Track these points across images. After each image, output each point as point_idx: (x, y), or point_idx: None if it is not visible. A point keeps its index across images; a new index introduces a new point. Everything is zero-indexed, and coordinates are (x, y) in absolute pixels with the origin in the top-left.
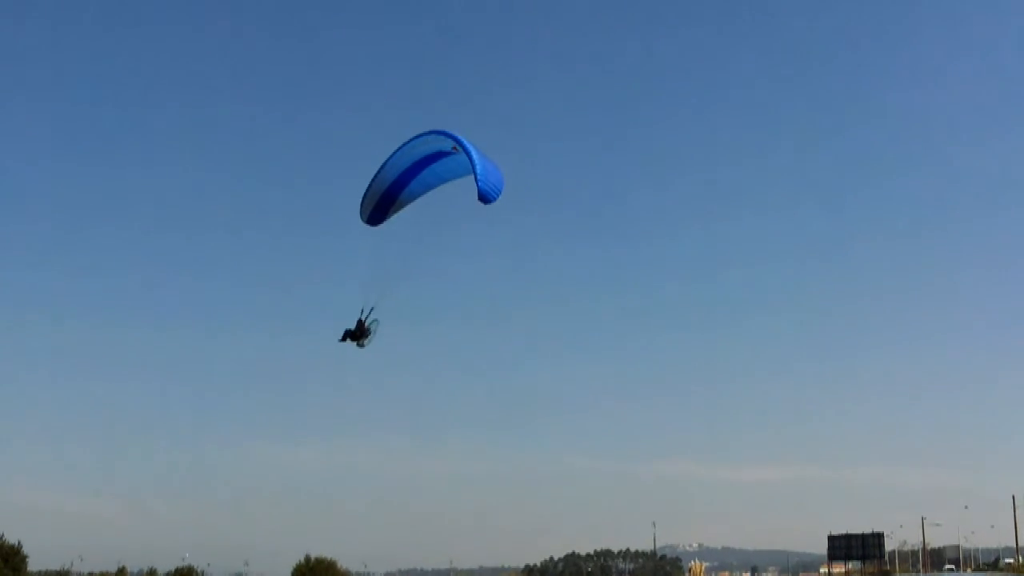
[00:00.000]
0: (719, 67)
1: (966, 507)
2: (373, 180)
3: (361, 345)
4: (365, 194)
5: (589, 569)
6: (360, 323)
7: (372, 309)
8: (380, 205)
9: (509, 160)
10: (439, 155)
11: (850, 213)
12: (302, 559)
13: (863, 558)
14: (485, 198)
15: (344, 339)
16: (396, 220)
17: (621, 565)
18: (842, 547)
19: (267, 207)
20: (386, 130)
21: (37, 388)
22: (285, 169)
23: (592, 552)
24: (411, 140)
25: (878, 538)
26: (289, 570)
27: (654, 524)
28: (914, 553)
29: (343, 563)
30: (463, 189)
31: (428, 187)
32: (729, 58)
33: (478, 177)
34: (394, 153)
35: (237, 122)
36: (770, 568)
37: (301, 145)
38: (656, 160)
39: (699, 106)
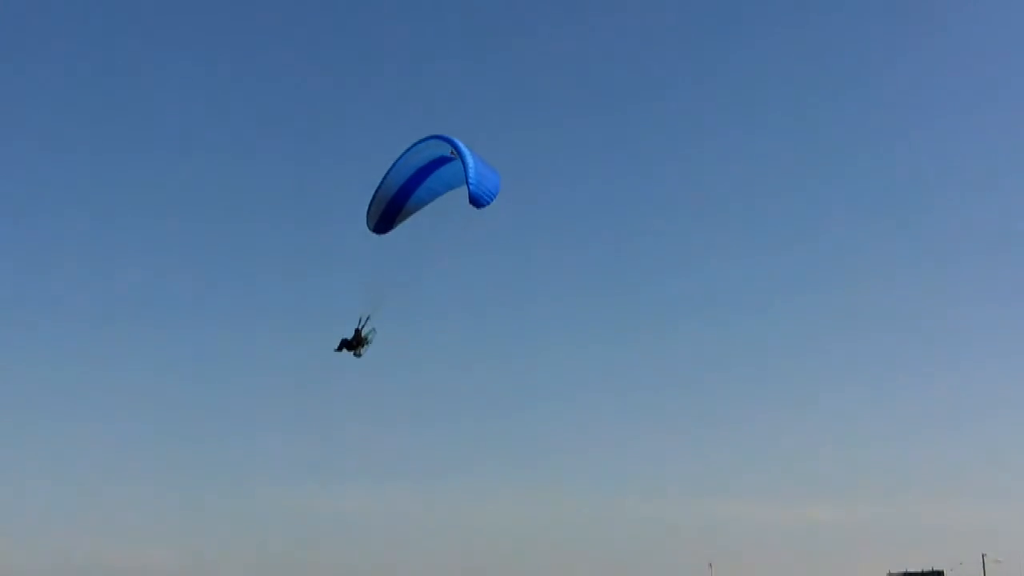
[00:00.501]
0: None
1: None
2: (378, 188)
3: (358, 355)
4: (371, 203)
5: None
6: (357, 332)
7: (369, 318)
8: (387, 213)
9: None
10: (441, 161)
11: (919, 229)
12: None
13: None
14: (477, 202)
15: (340, 349)
16: (407, 231)
17: None
18: None
19: (315, 246)
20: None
21: (86, 436)
22: (319, 209)
23: None
24: (412, 146)
25: None
26: None
27: (711, 565)
28: None
29: None
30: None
31: (434, 194)
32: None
33: (470, 182)
34: (397, 160)
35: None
36: None
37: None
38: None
39: (699, 131)
